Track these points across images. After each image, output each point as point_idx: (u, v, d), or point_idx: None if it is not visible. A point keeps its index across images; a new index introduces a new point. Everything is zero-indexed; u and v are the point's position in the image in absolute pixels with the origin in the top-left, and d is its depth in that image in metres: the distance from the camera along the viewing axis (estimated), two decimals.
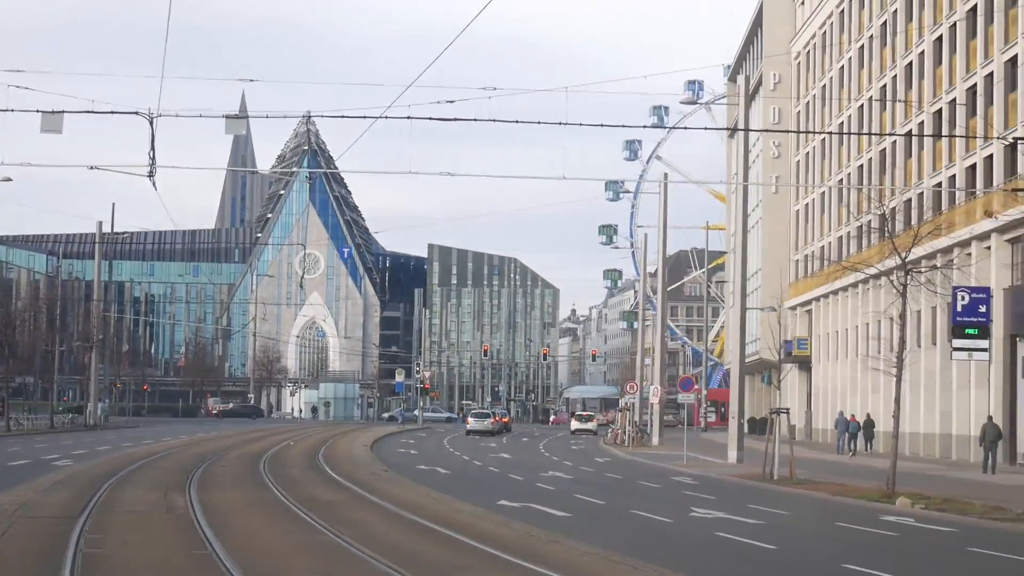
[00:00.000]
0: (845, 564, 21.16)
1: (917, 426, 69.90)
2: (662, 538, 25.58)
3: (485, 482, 43.27)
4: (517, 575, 18.58)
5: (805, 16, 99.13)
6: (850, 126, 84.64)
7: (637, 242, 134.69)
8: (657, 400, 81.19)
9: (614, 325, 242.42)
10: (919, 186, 68.78)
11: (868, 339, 75.38)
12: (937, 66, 69.27)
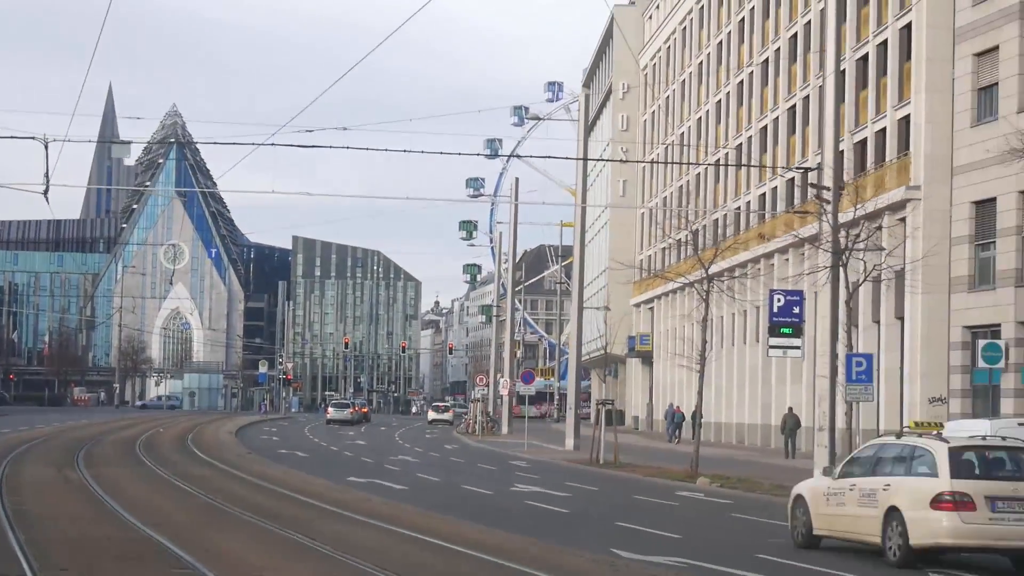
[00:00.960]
0: (617, 522, 26.63)
1: (742, 417, 75.98)
2: (477, 503, 31.00)
3: (339, 463, 48.41)
4: (353, 525, 23.81)
5: (652, 30, 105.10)
6: (688, 139, 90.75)
7: (496, 238, 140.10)
8: (506, 392, 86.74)
9: (476, 318, 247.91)
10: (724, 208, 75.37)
11: (683, 339, 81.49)
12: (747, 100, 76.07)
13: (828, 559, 21.59)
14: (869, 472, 22.36)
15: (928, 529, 20.56)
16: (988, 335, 46.67)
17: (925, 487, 20.86)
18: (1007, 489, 20.63)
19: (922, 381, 52.41)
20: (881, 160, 57.54)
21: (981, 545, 20.81)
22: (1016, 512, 20.36)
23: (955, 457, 20.98)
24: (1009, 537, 20.45)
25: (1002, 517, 20.37)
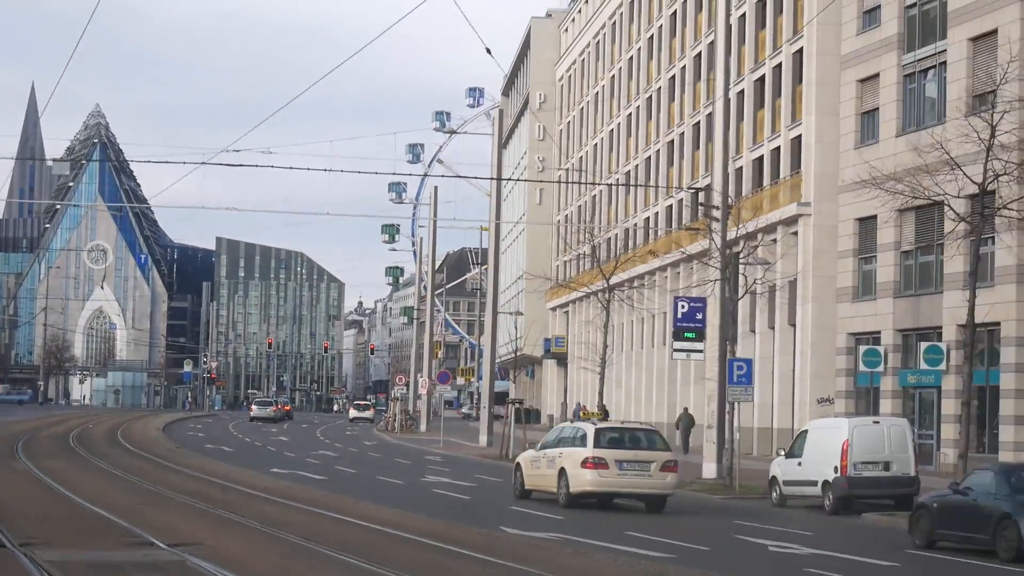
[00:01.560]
0: (512, 507, 29.96)
1: (649, 415, 79.36)
2: (390, 491, 34.31)
3: (263, 457, 51.51)
4: (277, 506, 27.02)
5: (568, 42, 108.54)
6: (600, 151, 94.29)
7: (418, 242, 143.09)
8: (425, 391, 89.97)
9: (398, 319, 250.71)
10: (627, 222, 79.24)
11: (586, 344, 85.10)
12: (655, 115, 79.85)
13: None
14: (553, 446, 33.10)
15: (579, 481, 31.20)
16: (869, 341, 50.36)
17: (579, 454, 31.37)
18: (629, 455, 31.32)
19: (811, 382, 56.04)
20: (776, 177, 61.25)
21: (611, 491, 31.57)
22: (635, 470, 31.13)
23: (599, 434, 31.75)
24: (630, 486, 31.39)
25: (625, 473, 31.08)
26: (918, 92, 49.69)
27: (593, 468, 30.90)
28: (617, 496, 31.83)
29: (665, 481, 31.46)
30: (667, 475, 31.48)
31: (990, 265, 45.54)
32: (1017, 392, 44.35)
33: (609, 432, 32.27)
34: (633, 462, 31.19)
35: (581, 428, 32.77)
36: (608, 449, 31.22)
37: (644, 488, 31.43)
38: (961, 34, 46.55)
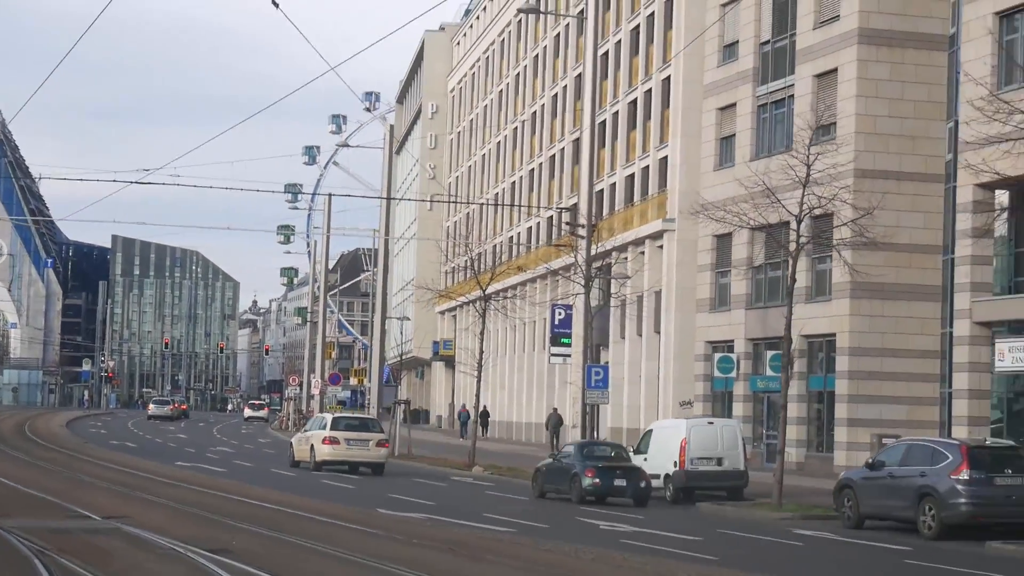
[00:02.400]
0: (391, 494, 34.39)
1: (530, 416, 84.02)
2: (283, 480, 38.75)
3: (166, 452, 55.63)
4: (187, 491, 31.33)
5: (460, 55, 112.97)
6: (488, 161, 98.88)
7: (313, 245, 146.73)
8: (318, 391, 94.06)
9: (293, 319, 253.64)
10: (510, 230, 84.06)
11: (467, 348, 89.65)
12: (539, 130, 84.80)
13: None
14: (310, 430, 48.18)
15: (321, 453, 45.48)
16: (724, 349, 55.21)
17: (320, 435, 45.74)
18: (354, 435, 45.39)
19: (674, 386, 60.82)
20: (646, 193, 66.08)
21: (342, 460, 45.69)
22: (359, 445, 45.38)
23: (335, 421, 46.45)
24: (356, 456, 45.67)
25: (352, 447, 45.38)
26: (770, 121, 54.64)
27: (329, 444, 45.37)
28: (347, 464, 45.85)
29: (380, 453, 46.05)
30: (381, 449, 46.26)
31: (828, 282, 50.61)
32: (850, 397, 49.34)
33: (343, 420, 47.53)
34: (357, 440, 45.61)
35: (324, 418, 48.30)
36: (340, 431, 45.76)
37: (365, 458, 45.66)
38: (807, 71, 51.56)
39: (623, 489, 35.45)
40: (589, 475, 35.49)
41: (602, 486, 35.53)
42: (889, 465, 30.39)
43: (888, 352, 49.22)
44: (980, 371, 43.12)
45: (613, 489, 35.61)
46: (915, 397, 48.54)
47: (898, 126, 48.99)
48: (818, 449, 51.31)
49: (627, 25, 69.18)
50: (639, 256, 65.25)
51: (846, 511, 30.91)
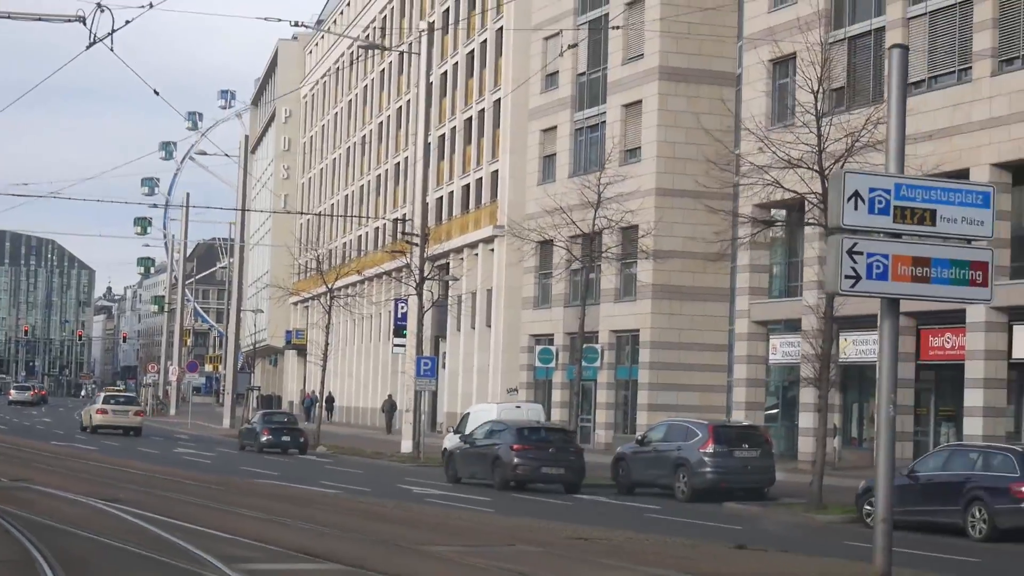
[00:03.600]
0: (242, 467, 40.68)
1: (376, 402, 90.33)
2: (150, 457, 44.93)
3: (37, 433, 61.40)
4: (73, 460, 37.46)
5: (312, 63, 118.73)
6: (338, 166, 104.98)
7: (169, 234, 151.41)
8: (175, 378, 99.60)
9: (148, 306, 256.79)
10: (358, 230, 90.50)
11: (315, 341, 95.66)
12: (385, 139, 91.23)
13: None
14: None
15: (94, 420, 63.50)
16: (545, 342, 61.94)
17: (95, 407, 65.34)
18: (119, 407, 64.38)
19: (502, 375, 67.49)
20: (479, 202, 72.75)
21: (107, 424, 62.57)
22: (121, 414, 63.79)
23: (105, 398, 66.39)
24: (118, 422, 63.33)
25: (117, 415, 63.69)
26: (585, 143, 61.51)
27: (100, 413, 63.15)
28: (112, 427, 62.68)
29: (136, 420, 63.77)
30: (138, 417, 64.54)
31: (634, 284, 57.62)
32: (651, 385, 56.38)
33: (111, 396, 68.06)
34: (119, 410, 63.87)
35: (98, 396, 68.41)
36: (108, 405, 64.43)
37: (125, 423, 62.80)
38: (616, 101, 58.51)
39: None
40: None
41: None
42: (654, 441, 37.28)
43: (684, 346, 56.30)
44: (757, 363, 50.45)
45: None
46: (706, 385, 55.63)
47: (694, 151, 55.82)
48: (624, 431, 58.17)
49: (463, 49, 75.75)
50: (473, 258, 71.91)
51: (620, 479, 37.73)
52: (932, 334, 43.74)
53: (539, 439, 37.86)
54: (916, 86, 44.07)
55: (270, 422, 55.79)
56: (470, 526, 22.94)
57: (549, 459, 37.11)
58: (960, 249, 16.83)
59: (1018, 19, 40.28)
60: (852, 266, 16.21)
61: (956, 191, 16.80)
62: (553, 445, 37.64)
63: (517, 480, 36.85)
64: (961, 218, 16.65)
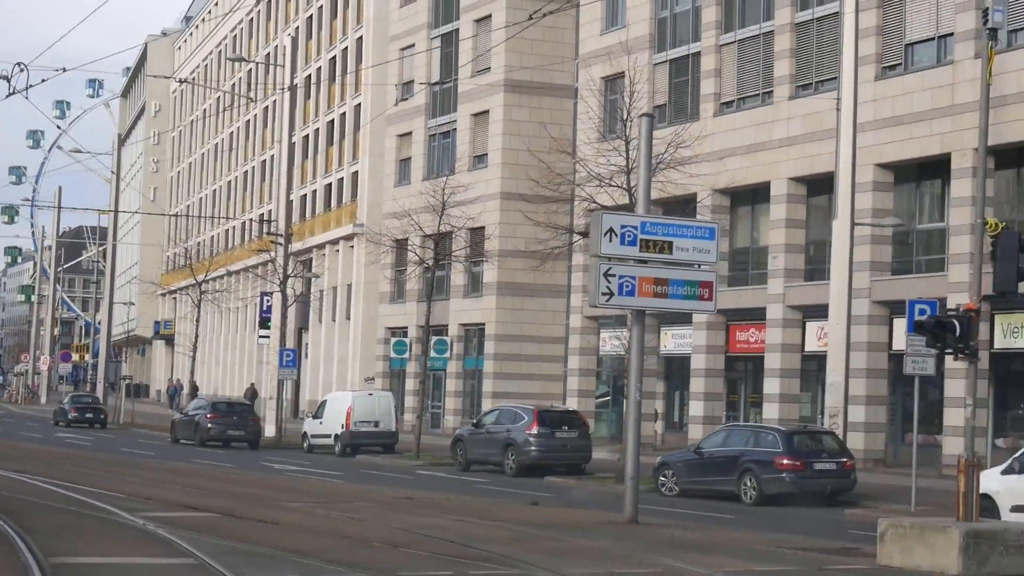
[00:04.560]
0: (122, 448, 45.14)
1: (241, 390, 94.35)
2: (35, 440, 49.04)
3: None
4: None
5: (182, 59, 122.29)
6: (206, 161, 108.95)
7: (37, 224, 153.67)
8: (46, 367, 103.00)
9: (13, 295, 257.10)
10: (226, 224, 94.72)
11: (184, 333, 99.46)
12: (252, 136, 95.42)
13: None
14: None
15: None
16: (400, 334, 66.68)
17: None
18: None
19: (361, 364, 72.17)
20: (340, 201, 77.35)
21: None
22: None
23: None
24: None
25: None
26: (438, 149, 66.36)
27: None
28: None
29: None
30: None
31: (481, 281, 62.58)
32: (496, 374, 61.38)
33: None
34: None
35: None
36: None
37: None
38: (466, 110, 63.42)
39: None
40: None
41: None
42: (487, 424, 42.30)
43: (525, 339, 61.35)
44: (589, 354, 55.71)
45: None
46: (546, 374, 60.70)
47: (535, 159, 60.98)
48: (471, 416, 63.14)
49: (326, 55, 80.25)
50: (334, 254, 76.51)
51: (458, 458, 42.69)
52: (739, 329, 49.19)
53: None
54: (727, 106, 49.75)
55: (78, 402, 68.28)
56: (321, 490, 27.82)
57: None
58: (691, 272, 21.99)
59: (811, 50, 45.78)
60: (607, 285, 21.30)
61: (688, 227, 22.00)
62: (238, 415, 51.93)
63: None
64: (692, 248, 21.81)
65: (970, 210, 36.56)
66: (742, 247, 49.81)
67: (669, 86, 52.21)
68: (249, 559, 16.04)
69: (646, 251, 21.31)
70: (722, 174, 48.34)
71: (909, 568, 17.49)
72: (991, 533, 17.52)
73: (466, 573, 15.86)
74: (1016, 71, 38.84)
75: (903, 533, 17.89)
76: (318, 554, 16.87)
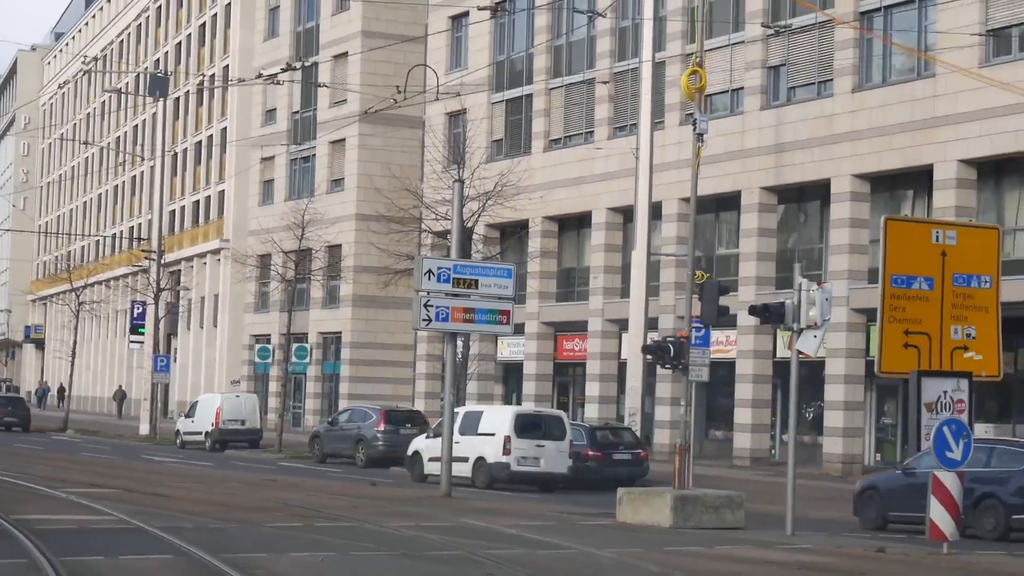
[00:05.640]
0: (14, 444, 50.71)
1: (108, 392, 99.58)
2: None
3: None
4: None
5: (52, 74, 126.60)
6: (77, 172, 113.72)
7: None
8: None
9: None
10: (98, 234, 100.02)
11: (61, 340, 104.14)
12: (118, 155, 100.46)
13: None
14: None
15: None
16: (264, 341, 72.52)
17: None
18: None
19: (227, 368, 77.90)
20: (208, 217, 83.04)
21: None
22: None
23: None
24: None
25: None
26: (299, 172, 72.38)
27: None
28: None
29: None
30: None
31: (338, 293, 68.72)
32: (351, 378, 67.55)
33: None
34: None
35: None
36: None
37: None
38: (325, 138, 69.54)
39: None
40: None
41: None
42: (341, 422, 48.51)
43: (378, 346, 67.58)
44: (435, 360, 61.93)
45: None
46: (397, 378, 66.95)
47: (388, 183, 67.22)
48: (328, 416, 69.14)
49: (194, 80, 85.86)
50: (203, 266, 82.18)
51: (316, 452, 48.81)
52: (566, 339, 55.92)
53: None
54: (555, 143, 56.48)
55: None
56: (197, 474, 34.00)
57: None
58: (493, 302, 28.53)
59: (627, 97, 52.52)
60: (426, 313, 27.75)
61: (490, 268, 28.59)
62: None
63: None
64: (494, 284, 28.36)
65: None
66: (568, 267, 56.49)
67: (505, 123, 58.81)
68: (155, 516, 22.19)
69: (457, 287, 27.82)
70: (551, 203, 55.09)
71: (635, 523, 24.12)
72: (694, 497, 24.27)
73: (313, 524, 22.18)
74: (793, 123, 45.97)
75: (634, 498, 24.57)
76: (203, 514, 23.08)
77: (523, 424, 36.50)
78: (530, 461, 35.81)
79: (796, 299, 22.96)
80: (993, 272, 31.10)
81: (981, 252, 31.27)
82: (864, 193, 44.26)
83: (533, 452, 35.80)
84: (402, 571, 17.03)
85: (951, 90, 40.86)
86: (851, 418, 43.95)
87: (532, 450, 35.80)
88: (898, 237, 30.41)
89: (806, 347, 23.46)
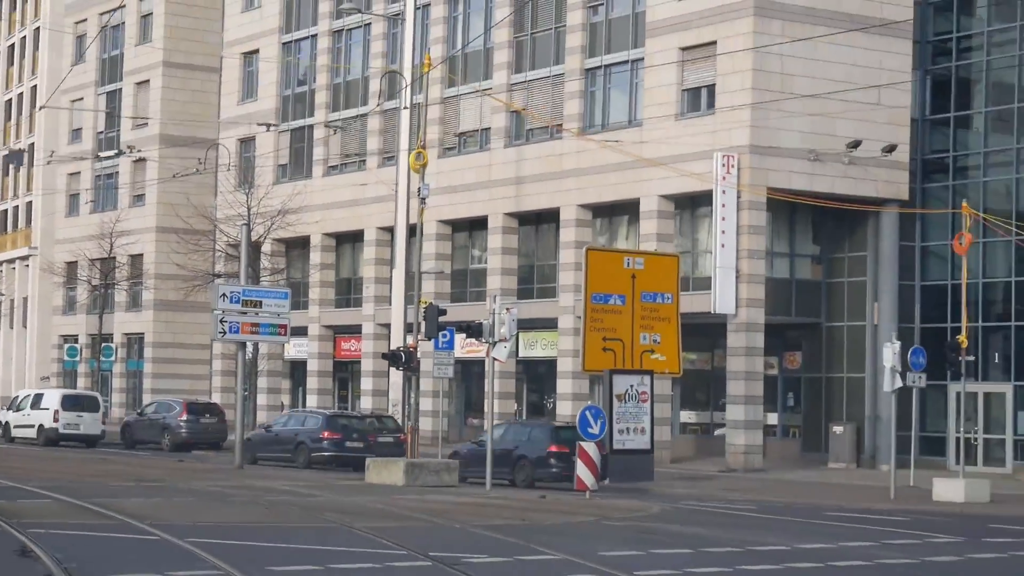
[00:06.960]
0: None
1: None
2: None
3: None
4: None
5: None
6: None
7: None
8: None
9: None
10: None
11: None
12: None
13: None
14: None
15: None
16: (72, 341, 79.48)
17: None
18: None
19: (37, 366, 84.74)
20: (17, 226, 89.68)
21: None
22: None
23: None
24: None
25: None
26: (103, 188, 79.52)
27: None
28: None
29: None
30: None
31: (141, 298, 76.19)
32: (154, 374, 75.12)
33: None
34: None
35: None
36: None
37: None
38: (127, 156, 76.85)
39: None
40: None
41: None
42: (149, 413, 56.32)
43: (178, 346, 75.21)
44: (229, 359, 69.34)
45: None
46: (195, 375, 74.64)
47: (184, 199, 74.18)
48: (134, 408, 76.43)
49: (2, 97, 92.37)
50: (12, 271, 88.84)
51: (126, 438, 56.32)
52: (344, 340, 64.35)
53: None
54: (333, 169, 64.86)
55: None
56: (38, 455, 41.91)
57: None
58: (274, 318, 37.07)
59: (395, 131, 61.04)
60: (222, 327, 36.19)
61: (272, 292, 37.16)
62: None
63: None
64: (275, 304, 36.90)
65: (501, 257, 52.68)
66: (345, 277, 64.95)
67: (290, 150, 67.03)
68: (25, 481, 30.17)
69: (246, 307, 36.33)
70: (329, 222, 63.57)
71: (378, 483, 32.89)
72: (421, 464, 33.18)
73: (141, 484, 30.53)
74: (531, 159, 55.08)
75: (378, 465, 33.39)
76: (59, 479, 31.19)
77: (68, 401, 55.87)
78: (72, 426, 55.08)
79: (491, 320, 31.83)
80: (674, 290, 40.84)
81: (664, 275, 40.99)
82: (587, 220, 53.53)
83: (75, 420, 55.04)
84: (211, 509, 25.47)
85: (654, 138, 50.22)
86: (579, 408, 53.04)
87: (74, 419, 55.05)
88: (597, 263, 39.94)
89: (499, 354, 32.35)
